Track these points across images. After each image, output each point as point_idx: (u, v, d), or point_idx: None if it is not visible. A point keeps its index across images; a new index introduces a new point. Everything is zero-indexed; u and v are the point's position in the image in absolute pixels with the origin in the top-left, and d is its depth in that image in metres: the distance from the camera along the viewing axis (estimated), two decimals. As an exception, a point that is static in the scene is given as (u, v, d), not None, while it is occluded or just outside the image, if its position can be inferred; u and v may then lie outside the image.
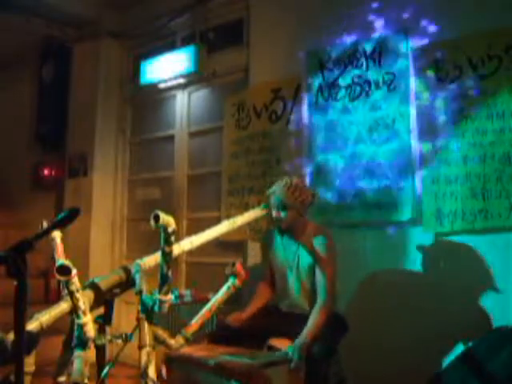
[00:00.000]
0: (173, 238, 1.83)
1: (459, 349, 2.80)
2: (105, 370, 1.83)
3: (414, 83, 3.18)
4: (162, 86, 4.73)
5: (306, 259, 2.85)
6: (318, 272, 2.79)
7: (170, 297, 1.88)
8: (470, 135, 2.94)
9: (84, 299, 1.76)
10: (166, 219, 1.78)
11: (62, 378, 1.91)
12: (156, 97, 4.91)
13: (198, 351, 2.60)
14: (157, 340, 1.99)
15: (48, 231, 1.60)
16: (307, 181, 3.56)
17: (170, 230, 1.80)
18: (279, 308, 2.98)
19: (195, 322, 2.23)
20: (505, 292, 2.77)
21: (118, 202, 5.10)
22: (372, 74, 3.36)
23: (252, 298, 3.05)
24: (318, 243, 2.79)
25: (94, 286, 1.87)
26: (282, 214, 2.82)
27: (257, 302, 3.02)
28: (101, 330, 1.85)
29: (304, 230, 2.88)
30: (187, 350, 2.40)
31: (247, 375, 2.35)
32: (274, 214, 2.84)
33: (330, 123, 3.52)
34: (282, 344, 2.74)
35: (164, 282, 1.86)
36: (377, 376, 3.05)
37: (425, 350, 2.99)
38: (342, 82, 3.48)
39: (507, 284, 2.76)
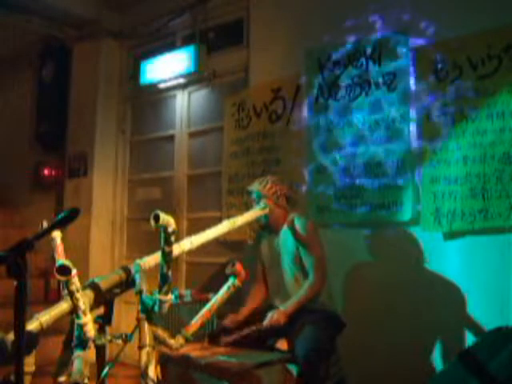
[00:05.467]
0: (173, 238, 1.82)
1: (458, 348, 2.80)
2: (105, 370, 1.82)
3: (413, 83, 3.18)
4: (161, 85, 4.73)
5: (288, 247, 2.91)
6: (304, 254, 2.86)
7: (170, 297, 1.87)
8: (470, 135, 2.93)
9: (84, 299, 1.76)
10: (166, 219, 1.77)
11: (62, 378, 1.91)
12: (156, 97, 4.91)
13: (194, 351, 2.60)
14: (157, 340, 1.99)
15: (48, 231, 1.60)
16: (307, 181, 3.57)
17: (169, 229, 1.79)
18: (274, 306, 2.97)
19: (195, 322, 2.22)
20: (505, 292, 2.77)
21: (117, 202, 5.10)
22: (372, 74, 3.35)
23: (246, 300, 3.07)
24: (299, 225, 2.89)
25: (94, 286, 1.87)
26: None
27: (251, 303, 3.05)
28: (101, 330, 1.85)
29: (285, 221, 2.97)
30: (184, 350, 2.40)
31: (239, 375, 2.36)
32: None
33: (329, 123, 3.52)
34: (283, 345, 2.75)
35: (164, 282, 1.85)
36: (376, 375, 3.06)
37: (425, 349, 3.00)
38: (342, 81, 3.48)
39: (507, 284, 2.76)
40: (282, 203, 2.97)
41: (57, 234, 2.08)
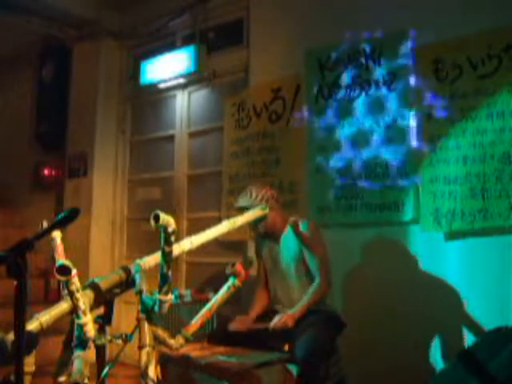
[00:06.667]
0: (173, 238, 1.82)
1: (458, 348, 2.80)
2: (105, 370, 1.83)
3: (413, 83, 3.17)
4: (161, 85, 4.73)
5: (291, 251, 2.89)
6: (308, 256, 2.85)
7: (170, 297, 1.87)
8: (470, 135, 2.93)
9: (84, 299, 1.76)
10: (166, 219, 1.77)
11: (62, 378, 1.91)
12: (156, 97, 4.91)
13: (194, 351, 2.60)
14: (157, 340, 1.99)
15: (48, 231, 1.60)
16: (307, 181, 3.57)
17: (169, 229, 1.79)
18: (278, 311, 2.96)
19: (195, 322, 2.22)
20: (505, 292, 2.77)
21: (117, 202, 5.10)
22: (372, 74, 3.35)
23: (252, 303, 3.07)
24: (300, 224, 2.86)
25: (94, 286, 1.87)
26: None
27: (257, 306, 3.05)
28: (101, 330, 1.85)
29: (284, 225, 2.95)
30: (184, 350, 2.40)
31: (239, 375, 2.36)
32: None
33: (329, 123, 3.52)
34: (283, 345, 2.74)
35: (164, 282, 1.85)
36: (376, 375, 3.06)
37: (425, 349, 2.99)
38: (342, 81, 3.48)
39: (507, 284, 2.76)
40: (273, 205, 2.93)
41: (57, 234, 2.08)
